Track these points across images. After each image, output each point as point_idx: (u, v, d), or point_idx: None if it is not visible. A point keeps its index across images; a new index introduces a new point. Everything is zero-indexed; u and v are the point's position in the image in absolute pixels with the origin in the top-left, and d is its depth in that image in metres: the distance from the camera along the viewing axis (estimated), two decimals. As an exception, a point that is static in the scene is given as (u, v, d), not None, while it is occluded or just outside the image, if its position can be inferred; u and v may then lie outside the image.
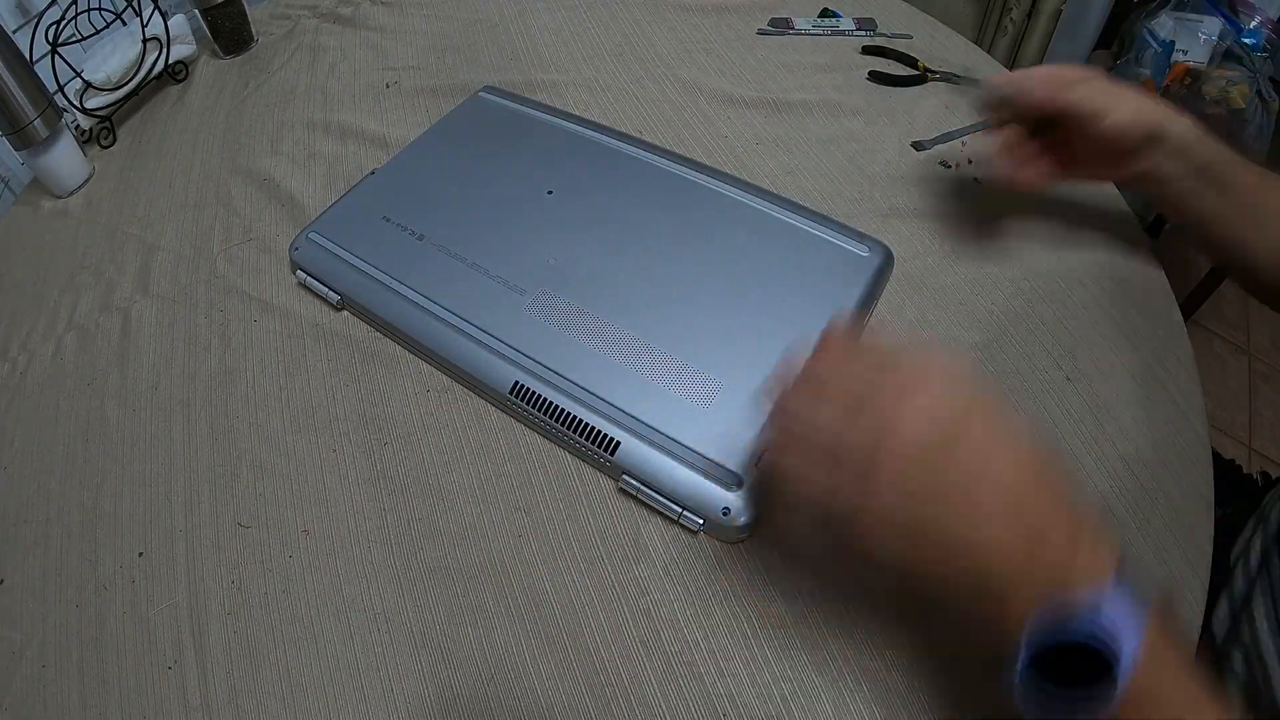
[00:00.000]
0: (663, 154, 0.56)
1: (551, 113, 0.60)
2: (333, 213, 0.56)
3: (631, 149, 0.57)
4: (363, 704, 0.36)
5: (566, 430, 0.42)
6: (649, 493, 0.40)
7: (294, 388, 0.48)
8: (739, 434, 0.40)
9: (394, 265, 0.51)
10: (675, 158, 0.56)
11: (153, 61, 0.69)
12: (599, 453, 0.41)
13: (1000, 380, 0.45)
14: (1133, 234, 0.52)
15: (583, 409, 0.42)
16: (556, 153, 0.57)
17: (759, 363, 0.40)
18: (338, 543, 0.42)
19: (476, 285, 0.49)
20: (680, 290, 0.48)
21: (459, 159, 0.58)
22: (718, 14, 0.72)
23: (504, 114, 0.61)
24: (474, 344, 0.46)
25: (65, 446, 0.48)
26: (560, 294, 0.48)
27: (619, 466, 0.41)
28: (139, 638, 0.40)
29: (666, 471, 0.40)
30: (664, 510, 0.40)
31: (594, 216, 0.52)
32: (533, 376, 0.44)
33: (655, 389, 0.43)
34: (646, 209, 0.53)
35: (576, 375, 0.44)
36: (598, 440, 0.41)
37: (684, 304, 0.47)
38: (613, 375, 0.44)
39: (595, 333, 0.46)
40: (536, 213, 0.53)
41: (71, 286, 0.57)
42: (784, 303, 0.47)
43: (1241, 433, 1.42)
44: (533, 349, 0.45)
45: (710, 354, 0.44)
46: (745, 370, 0.43)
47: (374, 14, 0.77)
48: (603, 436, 0.41)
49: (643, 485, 0.40)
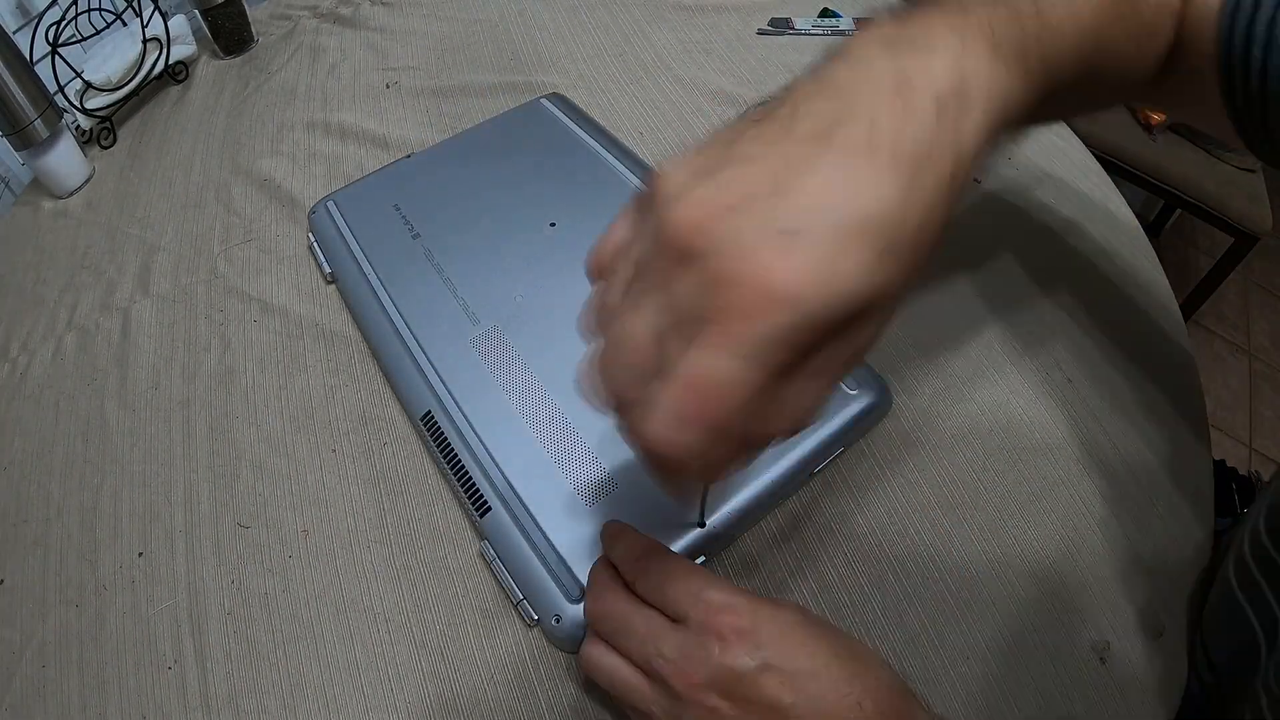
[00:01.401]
0: None
1: (602, 140, 0.57)
2: (355, 188, 0.56)
3: None
4: (363, 704, 0.36)
5: (455, 480, 0.41)
6: (500, 567, 0.38)
7: (294, 388, 0.48)
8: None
9: (379, 255, 0.51)
10: None
11: (153, 62, 0.69)
12: (472, 511, 0.40)
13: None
14: (1133, 234, 0.52)
15: (473, 463, 0.41)
16: (584, 184, 0.54)
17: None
18: (338, 543, 0.42)
19: (438, 300, 0.48)
20: None
21: (487, 164, 0.56)
22: (718, 14, 0.72)
23: (554, 128, 0.59)
24: (407, 358, 0.45)
25: (65, 446, 0.48)
26: (510, 335, 0.45)
27: (482, 531, 0.40)
28: (139, 638, 0.40)
29: (520, 554, 0.38)
30: (508, 590, 0.38)
31: (580, 264, 0.50)
32: (443, 412, 0.43)
33: (548, 467, 0.40)
34: None
35: (482, 427, 0.42)
36: (474, 499, 0.40)
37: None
38: (515, 439, 0.41)
39: (522, 388, 0.43)
40: (530, 242, 0.50)
41: (71, 286, 0.57)
42: None
43: (1241, 433, 1.42)
44: (456, 383, 0.44)
45: (621, 452, 0.40)
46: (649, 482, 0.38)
47: (374, 14, 0.77)
48: (479, 497, 0.40)
49: (497, 557, 0.39)
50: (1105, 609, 0.37)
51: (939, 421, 0.43)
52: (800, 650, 0.29)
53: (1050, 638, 0.36)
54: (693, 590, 0.30)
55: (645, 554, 0.32)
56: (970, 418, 0.43)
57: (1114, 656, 0.35)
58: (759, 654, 0.28)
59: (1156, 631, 0.36)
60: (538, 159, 0.57)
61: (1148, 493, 0.40)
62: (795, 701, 0.27)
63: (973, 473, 0.41)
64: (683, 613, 0.30)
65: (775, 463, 0.39)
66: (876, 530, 0.40)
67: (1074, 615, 0.36)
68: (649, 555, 0.32)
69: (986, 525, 0.39)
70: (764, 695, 0.27)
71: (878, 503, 0.40)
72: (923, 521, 0.40)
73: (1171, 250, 1.79)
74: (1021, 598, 0.37)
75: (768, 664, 0.28)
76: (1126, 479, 0.41)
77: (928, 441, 0.42)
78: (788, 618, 0.29)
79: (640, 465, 0.26)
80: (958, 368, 0.45)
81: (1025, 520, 0.39)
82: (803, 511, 0.41)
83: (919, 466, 0.42)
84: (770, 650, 0.28)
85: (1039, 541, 0.39)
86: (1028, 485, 0.41)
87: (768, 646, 0.28)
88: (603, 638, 0.32)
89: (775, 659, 0.28)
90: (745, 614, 0.29)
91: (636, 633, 0.30)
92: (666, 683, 0.29)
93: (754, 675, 0.28)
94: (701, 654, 0.28)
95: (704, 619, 0.29)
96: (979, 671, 0.35)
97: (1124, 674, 0.35)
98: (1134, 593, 0.37)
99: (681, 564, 0.32)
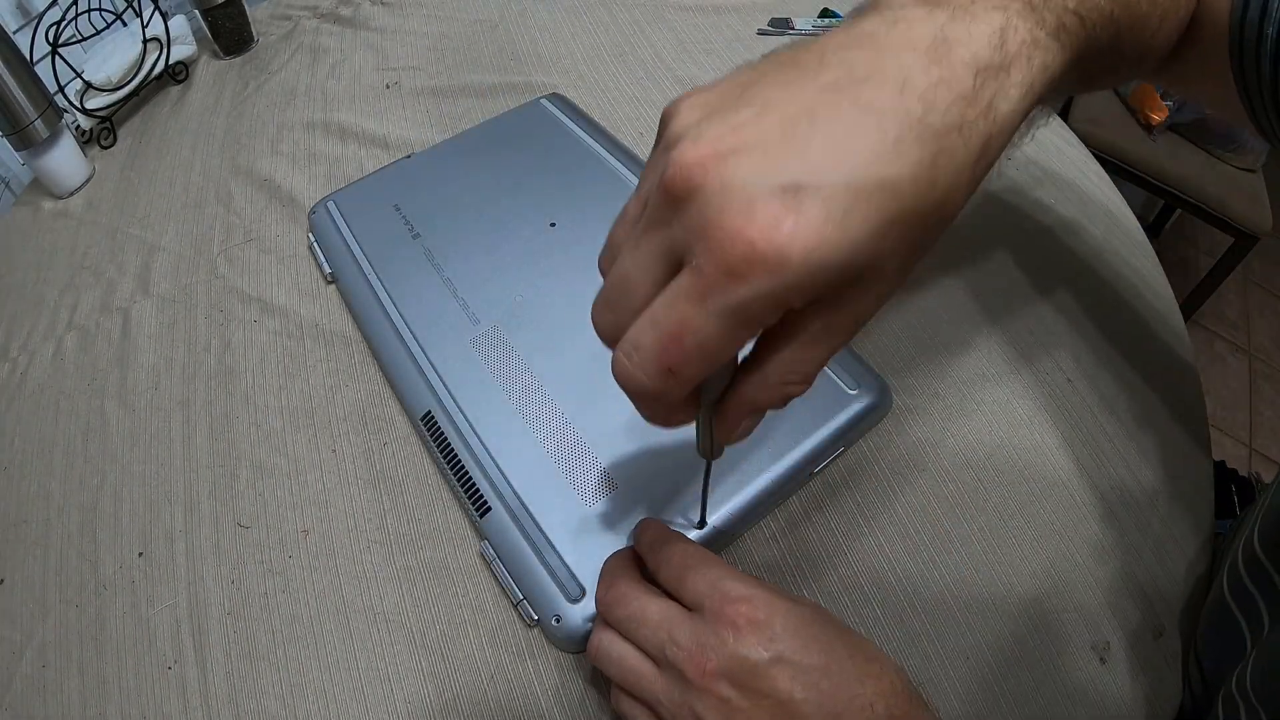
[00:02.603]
0: None
1: (601, 141, 0.57)
2: (355, 187, 0.56)
3: None
4: (363, 704, 0.36)
5: (455, 480, 0.41)
6: (500, 567, 0.38)
7: (294, 388, 0.48)
8: (609, 546, 0.36)
9: (379, 255, 0.51)
10: None
11: (153, 62, 0.69)
12: (472, 511, 0.40)
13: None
14: (1133, 234, 0.52)
15: (473, 463, 0.41)
16: (582, 185, 0.54)
17: (665, 480, 0.39)
18: (338, 543, 0.42)
19: (438, 301, 0.48)
20: None
21: (487, 164, 0.56)
22: (718, 14, 0.72)
23: (554, 128, 0.59)
24: (407, 358, 0.45)
25: (65, 446, 0.48)
26: (511, 336, 0.45)
27: (482, 531, 0.40)
28: (139, 638, 0.40)
29: (520, 554, 0.38)
30: (508, 590, 0.38)
31: (583, 264, 0.47)
32: (444, 413, 0.43)
33: (549, 466, 0.40)
34: None
35: (482, 427, 0.42)
36: (474, 499, 0.40)
37: (621, 393, 0.43)
38: (516, 439, 0.41)
39: (522, 388, 0.43)
40: (530, 241, 0.50)
41: (71, 286, 0.57)
42: None
43: (1241, 433, 1.42)
44: (457, 384, 0.44)
45: (621, 452, 0.40)
46: (649, 482, 0.39)
47: (374, 14, 0.77)
48: (479, 497, 0.40)
49: (497, 557, 0.39)
50: (1105, 609, 0.37)
51: (939, 423, 0.43)
52: (814, 646, 0.28)
53: (1050, 638, 0.36)
54: (711, 579, 0.30)
55: (669, 541, 0.33)
56: (970, 418, 0.43)
57: (1114, 656, 0.35)
58: (773, 646, 0.28)
59: (1156, 632, 0.36)
60: (538, 159, 0.56)
61: (1148, 493, 0.40)
62: (806, 697, 0.27)
63: (973, 473, 0.41)
64: (699, 602, 0.30)
65: (775, 462, 0.39)
66: (876, 530, 0.40)
67: (1074, 615, 0.36)
68: (672, 542, 0.32)
69: (986, 526, 0.39)
70: (776, 688, 0.27)
71: (878, 503, 0.40)
72: (923, 522, 0.40)
73: (1171, 250, 1.79)
74: (1021, 598, 0.37)
75: (781, 657, 0.28)
76: (1127, 479, 0.41)
77: (928, 442, 0.42)
78: (805, 613, 0.29)
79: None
80: (958, 368, 0.45)
81: (1025, 520, 0.39)
82: (803, 511, 0.40)
83: (919, 467, 0.42)
84: (784, 644, 0.28)
85: (1039, 542, 0.39)
86: (1028, 485, 0.41)
87: (782, 640, 0.28)
88: (613, 626, 0.31)
89: (789, 653, 0.28)
90: (762, 606, 0.29)
91: (650, 620, 0.30)
92: (679, 670, 0.28)
93: (766, 667, 0.27)
94: (715, 642, 0.28)
95: (720, 608, 0.29)
96: (979, 671, 0.35)
97: (1124, 674, 0.35)
98: (1134, 593, 0.37)
99: (703, 553, 0.32)
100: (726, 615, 0.28)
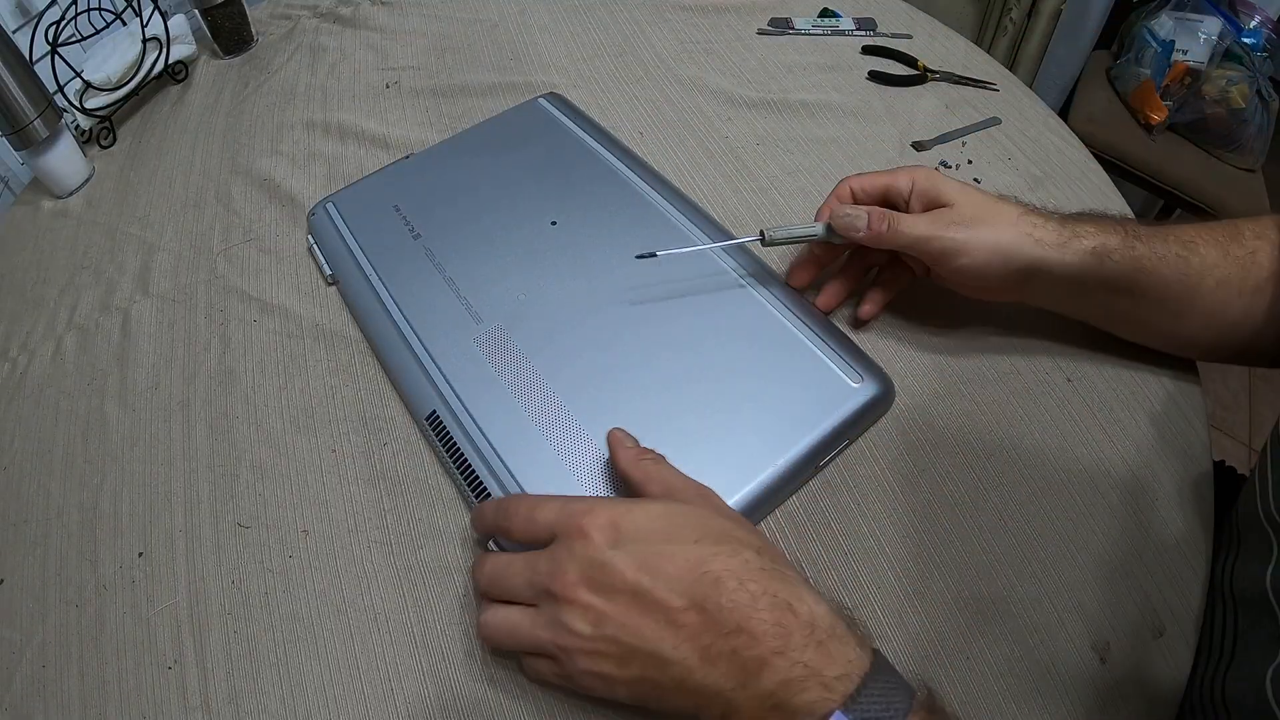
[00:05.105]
0: (694, 215, 0.51)
1: (599, 139, 0.57)
2: (354, 189, 0.56)
3: (661, 201, 0.52)
4: (363, 704, 0.36)
5: (461, 478, 0.41)
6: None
7: (294, 388, 0.48)
8: None
9: (380, 256, 0.51)
10: (706, 222, 0.50)
11: (153, 61, 0.69)
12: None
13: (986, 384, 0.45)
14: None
15: (479, 463, 0.41)
16: (581, 183, 0.54)
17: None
18: (338, 543, 0.42)
19: (441, 301, 0.48)
20: (628, 373, 0.43)
21: (486, 164, 0.56)
22: (718, 14, 0.72)
23: (552, 128, 0.59)
24: (411, 359, 0.46)
25: (65, 446, 0.48)
26: (513, 334, 0.45)
27: None
28: (139, 638, 0.40)
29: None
30: None
31: (584, 262, 0.49)
32: (449, 412, 0.43)
33: (553, 465, 0.40)
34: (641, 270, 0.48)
35: (487, 426, 0.42)
36: (481, 498, 0.40)
37: (625, 388, 0.42)
38: (522, 438, 0.41)
39: (526, 386, 0.43)
40: (532, 240, 0.50)
41: (71, 286, 0.57)
42: (734, 422, 0.41)
43: (1241, 433, 1.42)
44: (461, 383, 0.44)
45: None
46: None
47: (374, 14, 0.77)
48: (486, 496, 0.40)
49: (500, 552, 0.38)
50: (1105, 609, 0.37)
51: (939, 421, 0.43)
52: (657, 535, 0.30)
53: (1050, 637, 0.36)
54: (555, 505, 0.32)
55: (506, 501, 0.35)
56: (970, 417, 0.43)
57: (1114, 656, 0.35)
58: (618, 541, 0.30)
59: (1156, 631, 0.36)
60: (537, 158, 0.56)
61: (1148, 493, 0.40)
62: (655, 582, 0.29)
63: (973, 472, 0.41)
64: (551, 531, 0.31)
65: (782, 455, 0.39)
66: (876, 529, 0.40)
67: (1074, 615, 0.36)
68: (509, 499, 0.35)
69: (986, 525, 0.39)
70: (624, 580, 0.29)
71: (878, 502, 0.40)
72: (923, 521, 0.40)
73: (1171, 250, 1.79)
74: (1021, 597, 0.37)
75: (622, 548, 0.29)
76: (1127, 479, 0.41)
77: (928, 441, 0.42)
78: (653, 508, 0.31)
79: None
80: (958, 368, 0.45)
81: (1025, 520, 0.39)
82: (803, 510, 0.41)
83: (919, 466, 0.42)
84: (628, 537, 0.30)
85: (1039, 541, 0.39)
86: (1027, 485, 0.41)
87: (627, 536, 0.30)
88: (490, 596, 0.33)
89: (631, 544, 0.30)
90: (605, 510, 0.31)
91: (515, 567, 0.32)
92: (548, 594, 0.30)
93: (609, 560, 0.29)
94: (568, 555, 0.30)
95: (569, 524, 0.31)
96: (979, 671, 0.35)
97: (1124, 674, 0.35)
98: (1134, 593, 0.37)
99: (545, 495, 0.34)
100: (576, 528, 0.30)
